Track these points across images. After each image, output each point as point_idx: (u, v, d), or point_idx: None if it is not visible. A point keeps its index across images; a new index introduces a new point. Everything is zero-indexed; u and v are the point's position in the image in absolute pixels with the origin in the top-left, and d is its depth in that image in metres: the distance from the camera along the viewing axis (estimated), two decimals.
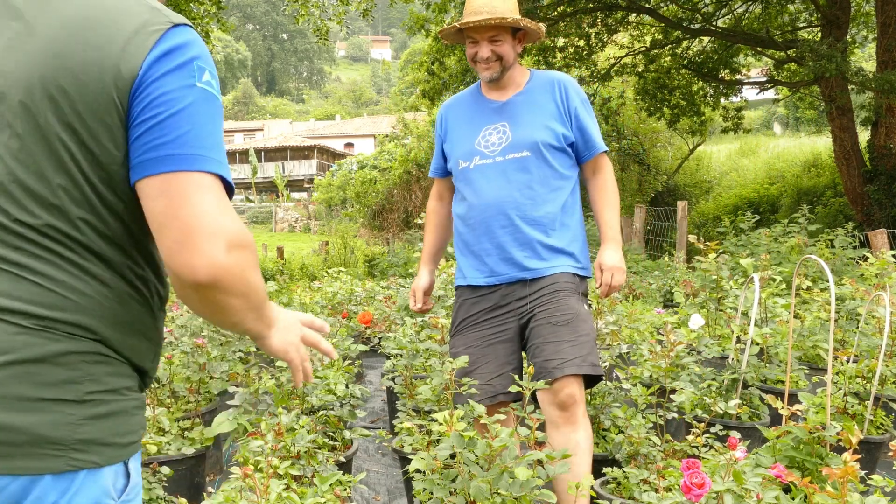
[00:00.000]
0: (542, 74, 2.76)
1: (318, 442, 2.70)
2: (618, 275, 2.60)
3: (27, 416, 1.02)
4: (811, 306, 5.04)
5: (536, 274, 2.58)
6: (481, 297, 2.67)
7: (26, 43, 1.09)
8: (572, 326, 2.51)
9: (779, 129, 32.98)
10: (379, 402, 4.97)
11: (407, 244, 13.59)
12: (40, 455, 1.02)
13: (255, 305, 1.16)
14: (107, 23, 1.08)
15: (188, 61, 1.09)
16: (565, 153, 2.66)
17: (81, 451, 1.05)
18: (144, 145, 1.07)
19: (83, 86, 1.06)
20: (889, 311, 3.17)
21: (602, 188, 2.70)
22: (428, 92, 14.43)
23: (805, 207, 8.49)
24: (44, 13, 1.10)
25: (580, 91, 2.72)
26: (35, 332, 1.04)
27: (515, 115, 2.67)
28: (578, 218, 2.70)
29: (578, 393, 2.47)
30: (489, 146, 2.66)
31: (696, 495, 1.79)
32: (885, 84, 10.06)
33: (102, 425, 1.08)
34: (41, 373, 1.03)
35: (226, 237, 1.07)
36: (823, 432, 2.41)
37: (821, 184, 16.21)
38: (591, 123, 2.69)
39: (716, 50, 14.76)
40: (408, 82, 42.93)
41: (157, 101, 1.06)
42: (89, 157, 1.07)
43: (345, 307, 6.37)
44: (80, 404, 1.06)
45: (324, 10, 11.68)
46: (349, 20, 12.67)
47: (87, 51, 1.06)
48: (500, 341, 2.62)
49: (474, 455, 2.11)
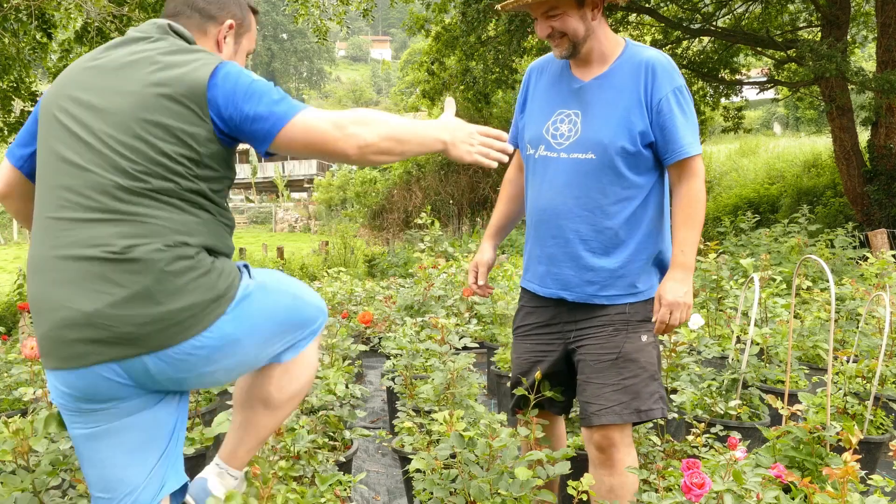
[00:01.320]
0: (635, 52, 2.28)
1: (318, 442, 2.69)
2: (677, 312, 2.20)
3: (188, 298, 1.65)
4: (811, 306, 5.04)
5: (584, 299, 2.30)
6: (535, 308, 2.44)
7: None
8: (617, 368, 2.24)
9: (779, 129, 32.97)
10: (379, 402, 4.97)
11: (407, 244, 13.58)
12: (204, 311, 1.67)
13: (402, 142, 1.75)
14: None
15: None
16: (641, 156, 2.24)
17: (220, 298, 1.68)
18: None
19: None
20: (889, 311, 3.17)
21: (683, 200, 2.23)
22: (428, 92, 14.44)
23: (805, 207, 8.50)
24: None
25: (675, 77, 2.23)
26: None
27: (591, 103, 2.27)
28: (646, 231, 2.29)
29: (618, 436, 2.24)
30: (557, 137, 2.31)
31: (696, 495, 1.79)
32: (885, 84, 10.07)
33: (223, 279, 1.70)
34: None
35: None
36: (823, 432, 2.41)
37: (821, 184, 16.22)
38: (681, 120, 2.21)
39: (716, 50, 14.77)
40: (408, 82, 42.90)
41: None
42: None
43: (345, 307, 6.37)
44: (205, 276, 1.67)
45: (324, 10, 11.68)
46: (349, 20, 12.68)
47: None
48: (546, 360, 2.41)
49: (474, 455, 2.11)
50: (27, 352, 2.66)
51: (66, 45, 11.25)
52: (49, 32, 10.75)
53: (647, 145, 2.24)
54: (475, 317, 5.37)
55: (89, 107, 1.69)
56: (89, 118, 1.68)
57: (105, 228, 1.62)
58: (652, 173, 2.28)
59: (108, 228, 1.62)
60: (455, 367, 2.91)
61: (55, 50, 11.37)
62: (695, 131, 2.25)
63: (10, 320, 9.59)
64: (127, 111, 1.66)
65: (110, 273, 1.60)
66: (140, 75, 1.69)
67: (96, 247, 1.61)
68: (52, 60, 11.48)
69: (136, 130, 1.65)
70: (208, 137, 1.67)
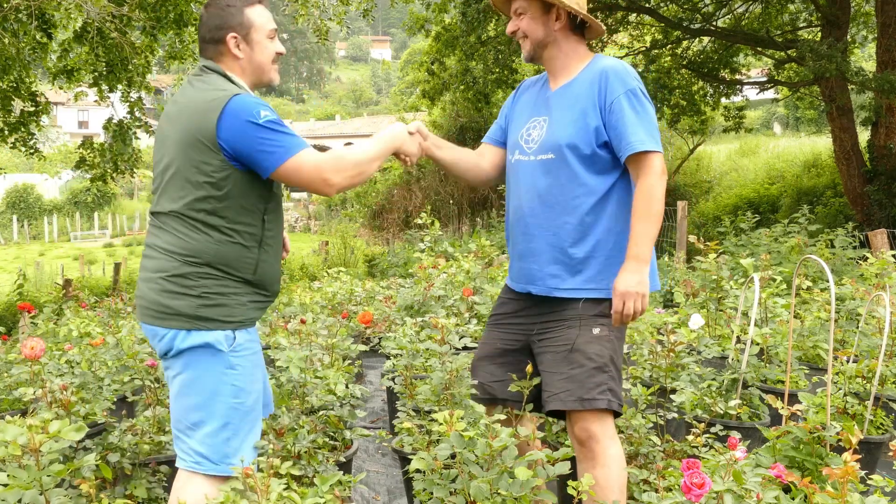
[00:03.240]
0: (596, 62, 2.43)
1: (318, 442, 2.70)
2: (630, 301, 2.27)
3: (173, 301, 2.14)
4: (811, 306, 5.04)
5: (546, 292, 2.42)
6: (509, 299, 2.59)
7: None
8: (567, 359, 2.35)
9: (779, 129, 32.96)
10: (379, 402, 4.97)
11: (407, 244, 13.57)
12: (176, 320, 2.14)
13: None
14: None
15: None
16: (597, 156, 2.35)
17: (199, 320, 2.13)
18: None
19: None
20: (889, 311, 3.17)
21: (639, 195, 2.31)
22: (428, 92, 14.43)
23: (805, 207, 8.50)
24: None
25: (629, 81, 2.34)
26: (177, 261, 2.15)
27: (555, 109, 2.44)
28: (606, 228, 2.38)
29: (595, 427, 2.30)
30: (529, 142, 2.48)
31: (696, 495, 1.79)
32: (885, 84, 10.06)
33: (209, 309, 2.15)
34: (178, 281, 2.14)
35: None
36: (823, 432, 2.41)
37: (821, 184, 16.21)
38: (632, 119, 2.30)
39: (716, 50, 14.76)
40: (408, 82, 42.90)
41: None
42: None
43: (345, 307, 6.37)
44: (196, 297, 2.14)
45: (324, 10, 11.67)
46: (349, 20, 12.66)
47: None
48: (510, 350, 2.54)
49: (474, 455, 2.11)
50: (27, 352, 2.66)
51: (65, 45, 11.24)
52: (49, 32, 10.74)
53: (602, 145, 2.35)
54: (475, 317, 5.37)
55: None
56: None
57: None
58: (611, 174, 2.38)
59: None
60: (454, 367, 2.91)
61: (55, 50, 11.36)
62: (649, 130, 2.32)
63: (10, 320, 9.59)
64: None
65: None
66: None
67: None
68: (52, 60, 11.47)
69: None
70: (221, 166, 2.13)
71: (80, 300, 8.03)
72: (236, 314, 2.17)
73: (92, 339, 4.48)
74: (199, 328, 2.13)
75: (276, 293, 2.31)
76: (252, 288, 2.20)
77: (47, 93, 12.89)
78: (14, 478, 2.08)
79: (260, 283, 2.21)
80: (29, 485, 2.10)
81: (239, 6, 2.20)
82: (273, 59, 2.28)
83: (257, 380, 2.24)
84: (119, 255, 24.56)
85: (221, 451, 2.15)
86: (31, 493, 2.10)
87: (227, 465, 2.14)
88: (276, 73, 2.31)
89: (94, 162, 11.70)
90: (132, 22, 9.96)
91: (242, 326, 2.19)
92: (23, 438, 2.09)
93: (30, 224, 37.05)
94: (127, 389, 3.55)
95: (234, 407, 2.16)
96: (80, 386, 3.27)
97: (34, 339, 2.68)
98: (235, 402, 2.16)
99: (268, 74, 2.29)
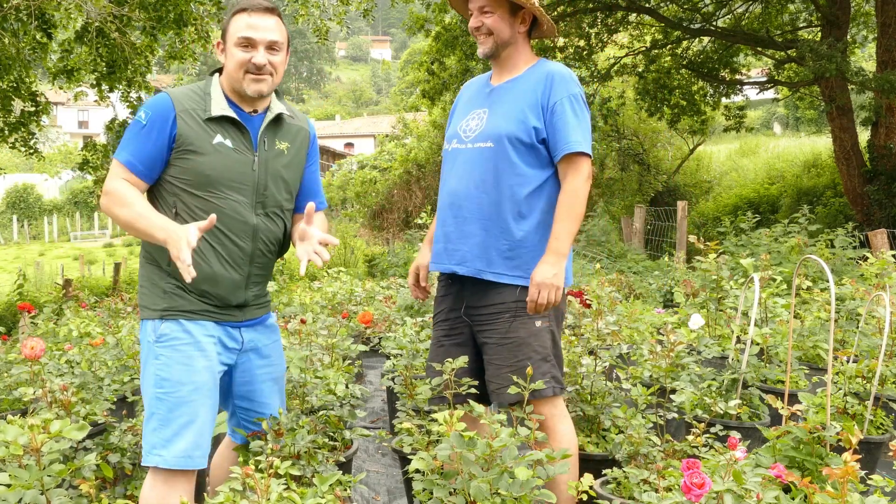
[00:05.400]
0: (545, 65, 2.58)
1: (318, 442, 2.69)
2: (545, 291, 2.40)
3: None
4: (811, 306, 5.04)
5: (473, 273, 2.51)
6: (444, 295, 2.68)
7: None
8: (513, 352, 2.50)
9: (779, 129, 32.97)
10: (379, 402, 4.97)
11: (407, 244, 13.58)
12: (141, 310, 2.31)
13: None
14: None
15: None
16: (535, 150, 2.49)
17: (141, 309, 2.29)
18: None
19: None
20: (889, 311, 3.17)
21: (564, 195, 2.46)
22: (428, 92, 14.42)
23: (805, 207, 8.49)
24: None
25: (572, 86, 2.50)
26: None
27: (497, 102, 2.56)
28: (538, 220, 2.50)
29: (545, 411, 2.51)
30: (466, 131, 2.59)
31: (696, 495, 1.80)
32: (885, 84, 10.06)
33: (143, 297, 2.30)
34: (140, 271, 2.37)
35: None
36: (823, 432, 2.41)
37: (821, 184, 16.21)
38: (572, 121, 2.45)
39: (716, 50, 14.76)
40: (408, 82, 42.92)
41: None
42: None
43: (345, 307, 6.37)
44: (141, 286, 2.32)
45: (324, 10, 11.67)
46: (349, 20, 12.66)
47: None
48: (452, 344, 2.64)
49: (474, 455, 2.11)
50: (27, 352, 2.66)
51: (66, 45, 11.24)
52: (49, 32, 10.74)
53: (541, 141, 2.49)
54: None
55: None
56: None
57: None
58: (547, 168, 2.52)
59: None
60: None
61: (55, 50, 11.36)
62: (585, 135, 2.48)
63: (10, 320, 9.59)
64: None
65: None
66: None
67: None
68: (52, 60, 11.47)
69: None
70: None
71: (80, 300, 8.03)
72: (159, 303, 2.25)
73: (92, 339, 4.48)
74: (142, 317, 2.29)
75: (202, 289, 2.26)
76: (173, 279, 2.25)
77: (47, 93, 12.88)
78: (15, 478, 2.08)
79: (177, 275, 2.22)
80: (30, 485, 2.10)
81: (230, 14, 2.31)
82: (240, 67, 2.25)
83: (196, 371, 2.21)
84: (119, 255, 24.56)
85: (149, 441, 2.18)
86: (32, 493, 2.10)
87: (155, 455, 2.14)
88: (252, 84, 2.26)
89: (98, 163, 11.72)
90: (132, 22, 9.95)
91: (169, 316, 2.23)
92: (24, 438, 2.09)
93: (30, 224, 37.07)
94: (127, 389, 3.55)
95: (159, 397, 2.18)
96: (80, 386, 3.27)
97: (34, 339, 2.68)
98: (159, 392, 2.18)
99: (238, 82, 2.27)
